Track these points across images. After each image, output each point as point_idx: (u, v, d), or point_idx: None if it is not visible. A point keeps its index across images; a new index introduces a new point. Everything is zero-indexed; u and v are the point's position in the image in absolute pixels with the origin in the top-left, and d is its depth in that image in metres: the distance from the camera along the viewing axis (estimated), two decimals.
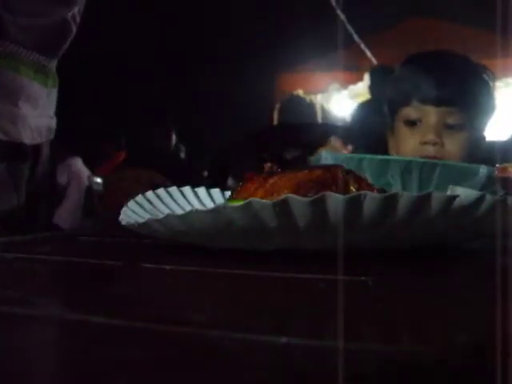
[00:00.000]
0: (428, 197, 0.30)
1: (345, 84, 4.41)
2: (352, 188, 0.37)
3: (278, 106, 4.20)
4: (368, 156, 0.67)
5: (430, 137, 0.90)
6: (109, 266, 0.33)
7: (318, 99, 4.72)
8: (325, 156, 0.66)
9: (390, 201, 0.30)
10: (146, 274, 0.31)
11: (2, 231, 0.55)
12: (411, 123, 0.94)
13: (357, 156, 0.68)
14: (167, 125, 2.80)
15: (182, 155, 2.84)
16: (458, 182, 0.61)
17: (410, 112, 0.94)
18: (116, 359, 0.16)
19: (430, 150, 0.91)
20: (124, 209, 0.43)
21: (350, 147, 1.24)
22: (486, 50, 4.14)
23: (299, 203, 0.29)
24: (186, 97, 3.99)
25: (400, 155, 0.95)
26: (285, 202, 0.29)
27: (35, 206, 0.71)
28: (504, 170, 0.63)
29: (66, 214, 1.74)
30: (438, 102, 0.91)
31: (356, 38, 3.61)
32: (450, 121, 0.92)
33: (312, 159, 0.74)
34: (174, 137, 2.79)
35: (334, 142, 1.27)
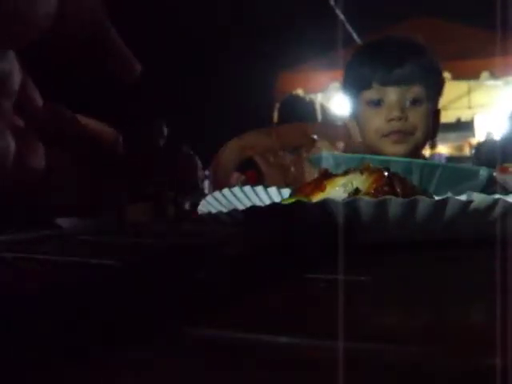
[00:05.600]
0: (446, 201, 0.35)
1: None
2: (398, 189, 0.41)
3: (277, 105, 4.20)
4: (368, 156, 0.67)
5: (395, 113, 0.98)
6: (109, 266, 0.33)
7: (319, 98, 4.73)
8: (326, 156, 0.66)
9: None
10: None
11: None
12: (374, 103, 1.01)
13: (358, 156, 0.68)
14: (165, 124, 2.81)
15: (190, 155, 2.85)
16: (459, 184, 0.61)
17: (372, 94, 1.01)
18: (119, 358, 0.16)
19: (396, 124, 0.98)
20: (202, 201, 0.51)
21: (340, 146, 1.27)
22: (486, 49, 4.14)
23: (366, 203, 0.34)
24: (186, 97, 3.99)
25: (367, 135, 1.03)
26: (353, 201, 0.34)
27: None
28: (504, 170, 0.63)
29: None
30: (397, 82, 0.99)
31: (355, 36, 3.61)
32: (411, 96, 0.99)
33: (312, 158, 0.74)
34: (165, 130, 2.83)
35: (322, 142, 1.30)
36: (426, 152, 1.21)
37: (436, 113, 1.07)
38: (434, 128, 1.05)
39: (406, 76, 0.99)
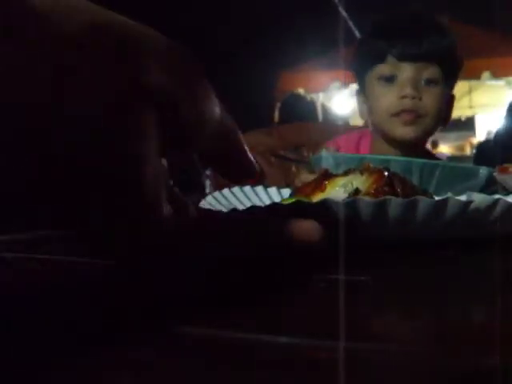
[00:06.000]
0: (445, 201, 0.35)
1: (346, 82, 4.42)
2: (398, 189, 0.41)
3: (278, 105, 4.19)
4: (368, 156, 0.67)
5: (408, 91, 0.90)
6: (109, 266, 0.33)
7: (320, 98, 4.73)
8: (325, 156, 0.66)
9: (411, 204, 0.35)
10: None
11: None
12: (387, 79, 0.94)
13: (357, 156, 0.69)
14: None
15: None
16: (459, 183, 0.61)
17: (386, 69, 0.94)
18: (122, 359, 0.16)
19: (408, 103, 0.91)
20: (202, 202, 0.51)
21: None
22: (487, 49, 4.15)
23: (365, 203, 0.34)
24: None
25: (376, 113, 0.96)
26: (354, 201, 0.34)
27: None
28: (504, 170, 0.63)
29: None
30: (414, 58, 0.92)
31: (357, 35, 3.61)
32: (427, 75, 0.92)
33: (312, 159, 0.74)
34: None
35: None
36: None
37: (450, 98, 1.00)
38: (446, 114, 0.98)
39: (425, 53, 0.92)
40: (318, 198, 0.41)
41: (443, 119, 0.98)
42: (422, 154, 1.00)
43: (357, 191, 0.41)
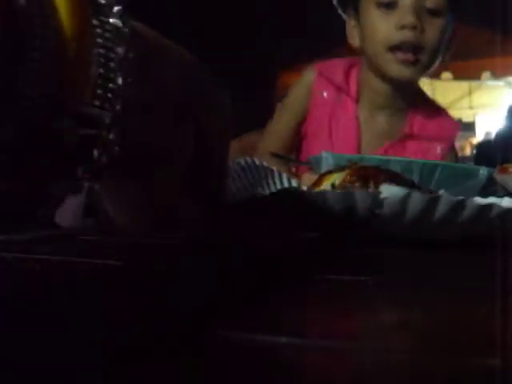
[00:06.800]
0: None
1: None
2: (371, 184, 0.42)
3: (278, 105, 4.19)
4: (367, 156, 0.67)
5: (409, 19, 0.81)
6: (109, 266, 0.33)
7: None
8: (325, 156, 0.66)
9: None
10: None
11: None
12: (385, 5, 0.84)
13: (357, 156, 0.69)
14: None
15: None
16: (459, 183, 0.61)
17: None
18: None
19: (409, 34, 0.81)
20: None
21: None
22: (487, 49, 4.14)
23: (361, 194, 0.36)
24: None
25: (370, 44, 0.86)
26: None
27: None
28: (504, 170, 0.63)
29: (67, 213, 1.73)
30: None
31: None
32: (430, 4, 0.83)
33: (312, 159, 0.74)
34: None
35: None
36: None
37: (452, 30, 0.89)
38: (447, 48, 0.88)
39: None
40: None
41: (443, 54, 0.89)
42: (414, 93, 0.93)
43: (333, 186, 0.43)
